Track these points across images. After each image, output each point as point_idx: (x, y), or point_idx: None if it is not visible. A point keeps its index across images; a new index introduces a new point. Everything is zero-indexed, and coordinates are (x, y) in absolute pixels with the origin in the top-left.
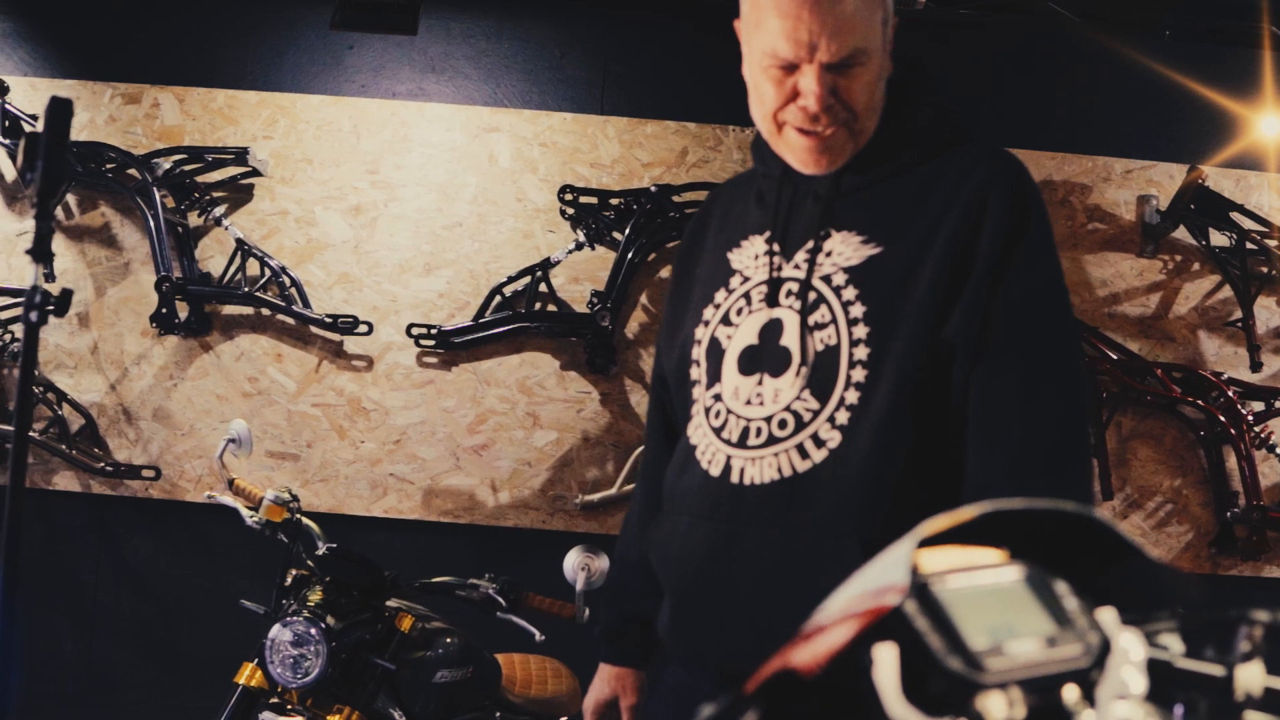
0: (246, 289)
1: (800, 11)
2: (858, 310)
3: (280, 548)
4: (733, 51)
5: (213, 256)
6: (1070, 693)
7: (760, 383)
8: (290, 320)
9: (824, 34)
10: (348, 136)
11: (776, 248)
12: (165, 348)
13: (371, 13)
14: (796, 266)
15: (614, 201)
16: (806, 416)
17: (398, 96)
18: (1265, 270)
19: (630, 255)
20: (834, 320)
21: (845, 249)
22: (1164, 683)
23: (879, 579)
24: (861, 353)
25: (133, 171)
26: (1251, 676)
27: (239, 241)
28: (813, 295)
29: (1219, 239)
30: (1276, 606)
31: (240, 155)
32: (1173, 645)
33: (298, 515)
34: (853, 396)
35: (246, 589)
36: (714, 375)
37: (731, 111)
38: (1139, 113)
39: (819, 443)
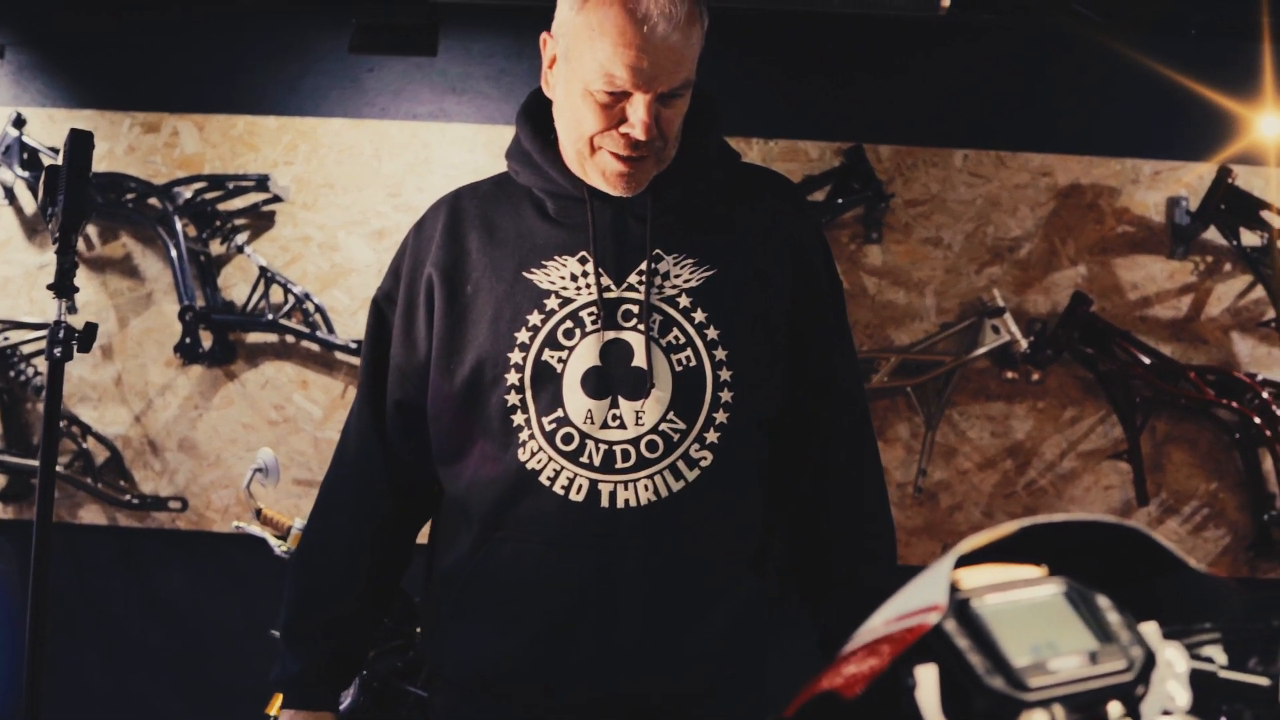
0: (270, 316)
1: (645, 42)
2: (713, 333)
3: None
4: (757, 64)
5: (236, 284)
6: (1115, 709)
7: (615, 405)
8: (315, 347)
9: (667, 65)
10: (369, 160)
11: (599, 269)
12: (189, 377)
13: (390, 35)
14: (630, 288)
15: None
16: (675, 437)
17: (418, 118)
18: None
19: None
20: (690, 343)
21: (680, 271)
22: (1208, 695)
23: (918, 598)
24: (726, 374)
25: (153, 201)
26: None
27: (262, 269)
28: (658, 317)
29: (1250, 239)
30: None
31: (261, 182)
32: (1216, 657)
33: None
34: (722, 416)
35: (276, 619)
36: (552, 399)
37: (755, 124)
38: (1167, 113)
39: (691, 463)
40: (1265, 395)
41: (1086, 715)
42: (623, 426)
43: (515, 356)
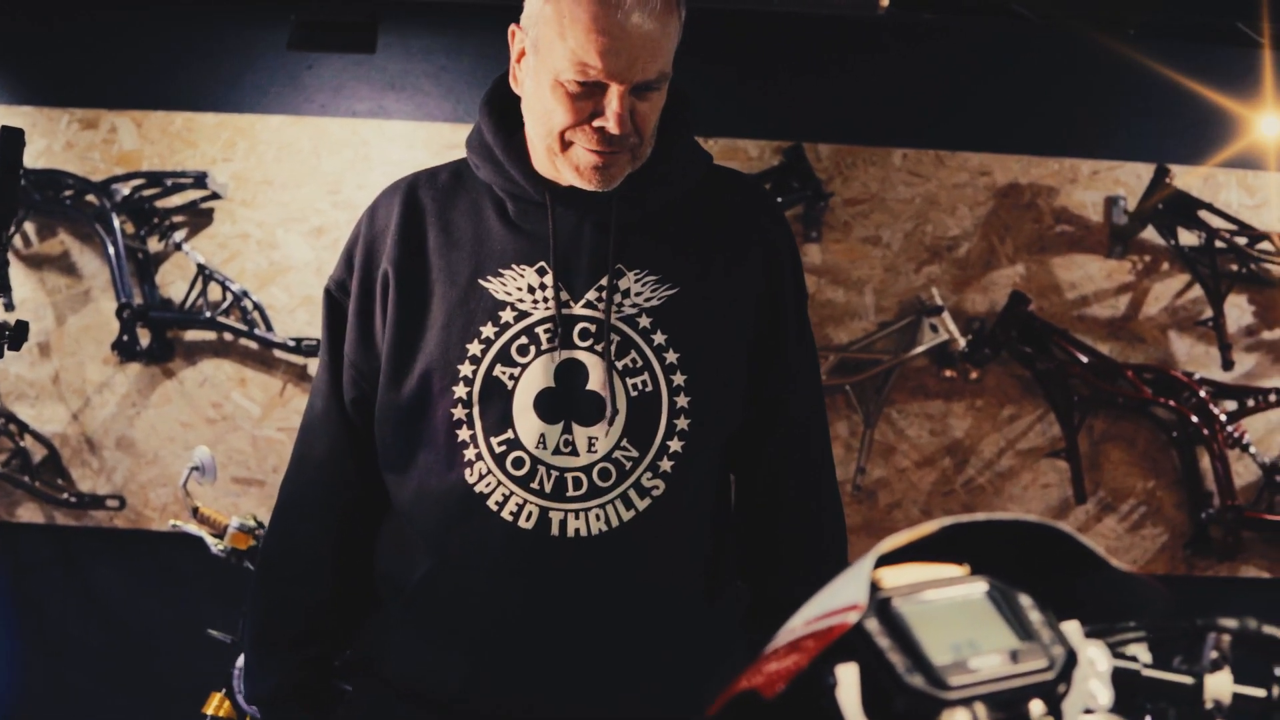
0: (208, 314)
1: (620, 30)
2: (672, 356)
3: (247, 575)
4: (697, 62)
5: (174, 282)
6: (1036, 707)
7: (568, 430)
8: (253, 344)
9: (642, 54)
10: (308, 157)
11: (558, 283)
12: (127, 375)
13: (329, 32)
14: (589, 305)
15: None
16: (628, 465)
17: (358, 115)
18: (1235, 268)
19: None
20: (648, 366)
21: (642, 289)
22: (1131, 693)
23: (838, 597)
24: (683, 400)
25: (91, 198)
26: (1220, 685)
27: (200, 266)
28: (616, 338)
29: (1188, 238)
30: (1247, 611)
31: (199, 179)
32: (1140, 655)
33: None
34: (676, 444)
35: (214, 618)
36: (501, 418)
37: (694, 123)
38: (1105, 113)
39: (643, 491)
40: (1202, 394)
41: (1008, 714)
42: (575, 453)
43: (465, 369)
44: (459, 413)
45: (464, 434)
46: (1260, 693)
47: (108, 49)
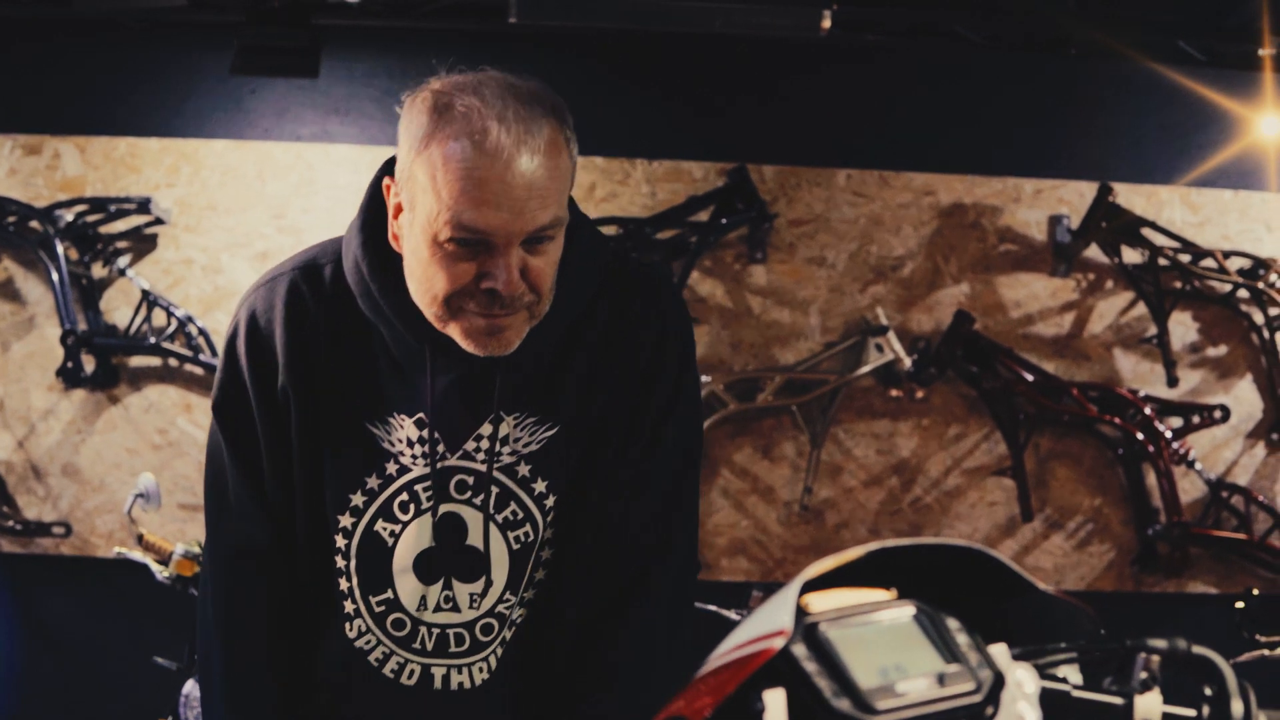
0: (153, 339)
1: (502, 180)
2: (551, 501)
3: (192, 602)
4: (641, 85)
5: (118, 308)
6: None
7: (448, 587)
8: (199, 370)
9: (529, 204)
10: (252, 181)
11: (435, 435)
12: (72, 402)
13: (271, 56)
14: (466, 456)
15: None
16: (507, 613)
17: (302, 139)
18: (1179, 286)
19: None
20: (530, 517)
21: (520, 433)
22: (1061, 715)
23: (765, 623)
24: (547, 552)
25: (35, 224)
26: (1150, 705)
27: (144, 292)
28: (496, 490)
29: (1132, 256)
30: (1194, 626)
31: (143, 204)
32: (1070, 677)
33: None
34: (540, 574)
35: (160, 644)
36: (380, 577)
37: (639, 144)
38: (1047, 132)
39: (513, 625)
40: (1148, 411)
41: None
42: (456, 609)
43: (345, 520)
44: (339, 562)
45: (344, 585)
46: (1190, 712)
47: (51, 75)
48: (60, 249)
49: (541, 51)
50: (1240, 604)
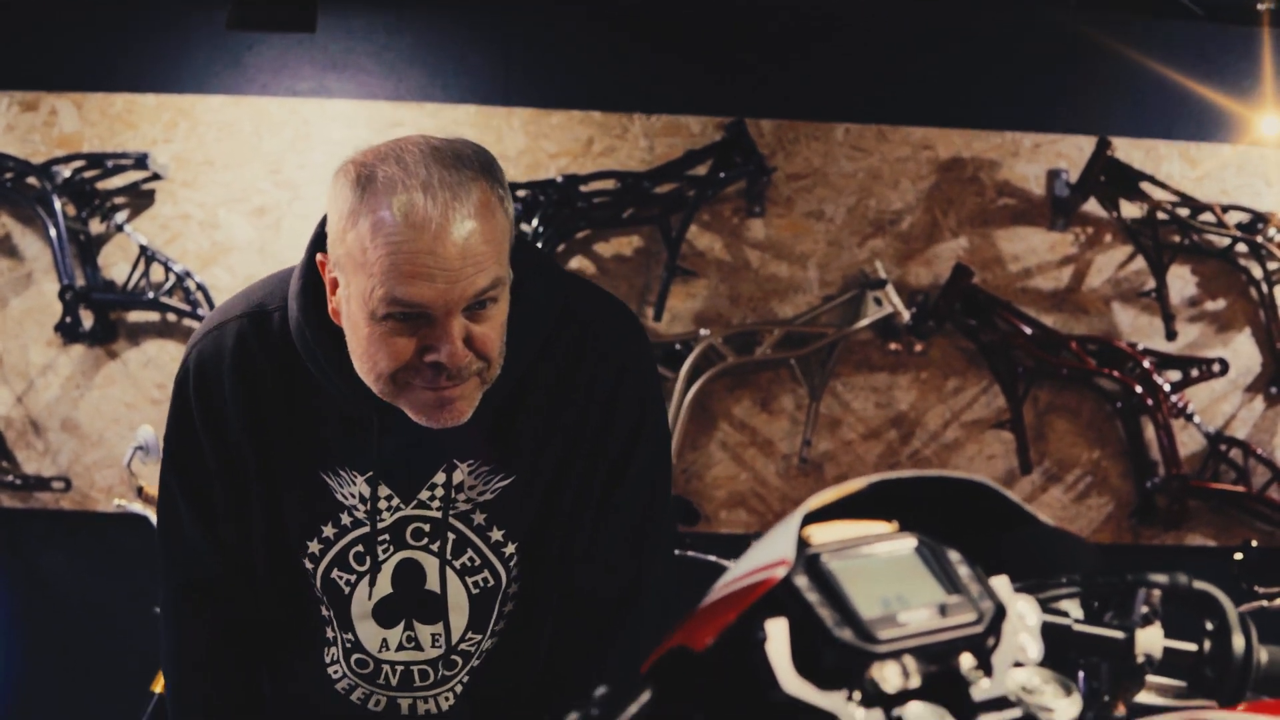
0: (151, 295)
1: (431, 250)
2: (510, 549)
3: None
4: (637, 39)
5: (116, 263)
6: (966, 660)
7: (410, 628)
8: (196, 324)
9: (465, 270)
10: (249, 137)
11: (385, 490)
12: (71, 357)
13: (268, 11)
14: (421, 505)
15: (521, 193)
16: (471, 650)
17: (299, 95)
18: (1177, 240)
19: (539, 246)
20: (487, 564)
21: (475, 481)
22: (1063, 648)
23: (767, 553)
24: (514, 588)
25: (32, 180)
26: (1151, 639)
27: (142, 247)
28: (453, 536)
29: (1130, 210)
30: (1178, 570)
31: (140, 160)
32: (1071, 611)
33: None
34: (510, 606)
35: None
36: (341, 620)
37: (637, 99)
38: (1046, 86)
39: (482, 655)
40: (1146, 364)
41: (938, 667)
42: (419, 648)
43: (308, 563)
44: (317, 592)
45: (324, 612)
46: (1191, 646)
47: (47, 31)
48: (58, 205)
49: (538, 6)
50: (1239, 556)
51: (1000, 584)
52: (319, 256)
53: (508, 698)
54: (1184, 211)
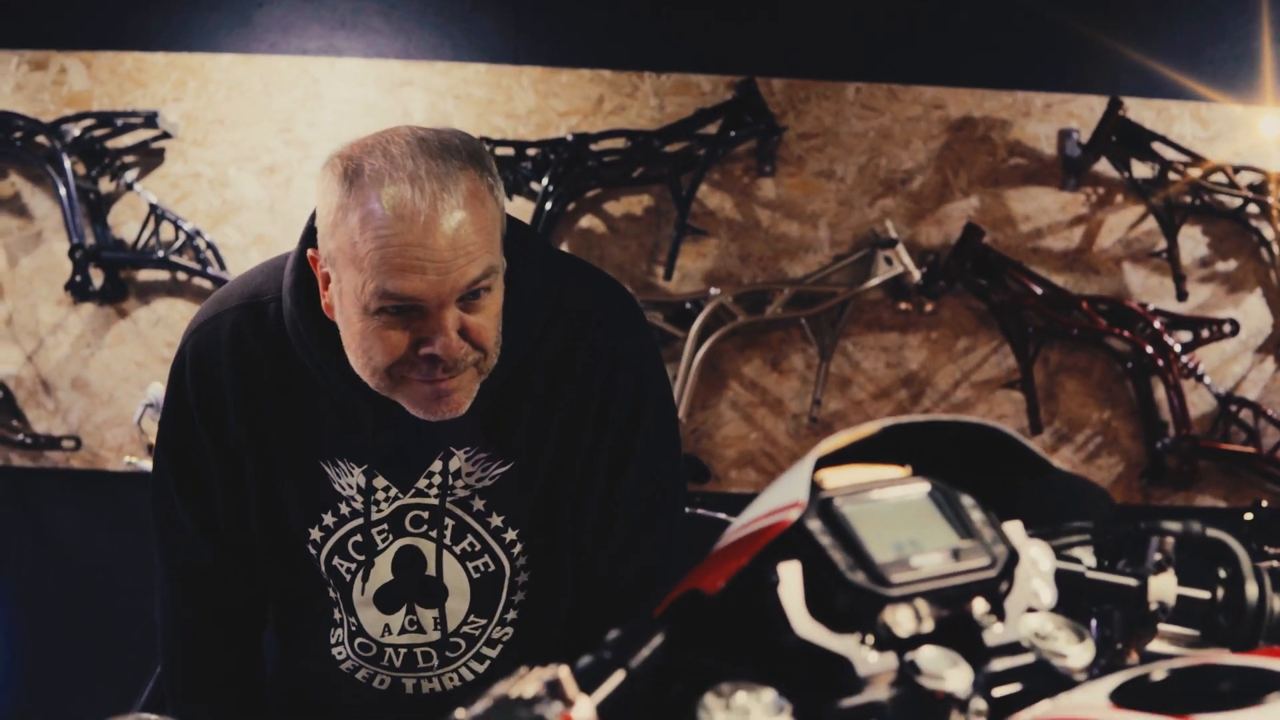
0: (161, 253)
1: (422, 243)
2: (511, 534)
3: None
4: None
5: (126, 222)
6: (979, 605)
7: (411, 612)
8: (207, 283)
9: (457, 261)
10: (259, 96)
11: (383, 481)
12: (81, 316)
13: None
14: (419, 493)
15: (531, 152)
16: (476, 634)
17: (308, 53)
18: (1188, 200)
19: (549, 205)
20: (487, 549)
21: (473, 468)
22: (1076, 595)
23: (780, 496)
24: (523, 577)
25: (41, 139)
26: (1165, 586)
27: (152, 206)
28: (451, 523)
29: (1142, 170)
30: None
31: (150, 119)
32: (1084, 558)
33: None
34: (521, 595)
35: None
36: (345, 605)
37: (647, 58)
38: (1058, 45)
39: (493, 643)
40: (1157, 324)
41: (950, 611)
42: (421, 631)
43: (310, 549)
44: (327, 575)
45: (332, 594)
46: (1204, 594)
47: None
48: (67, 163)
49: None
50: (1249, 516)
51: (1013, 529)
52: (310, 252)
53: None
54: (1195, 172)
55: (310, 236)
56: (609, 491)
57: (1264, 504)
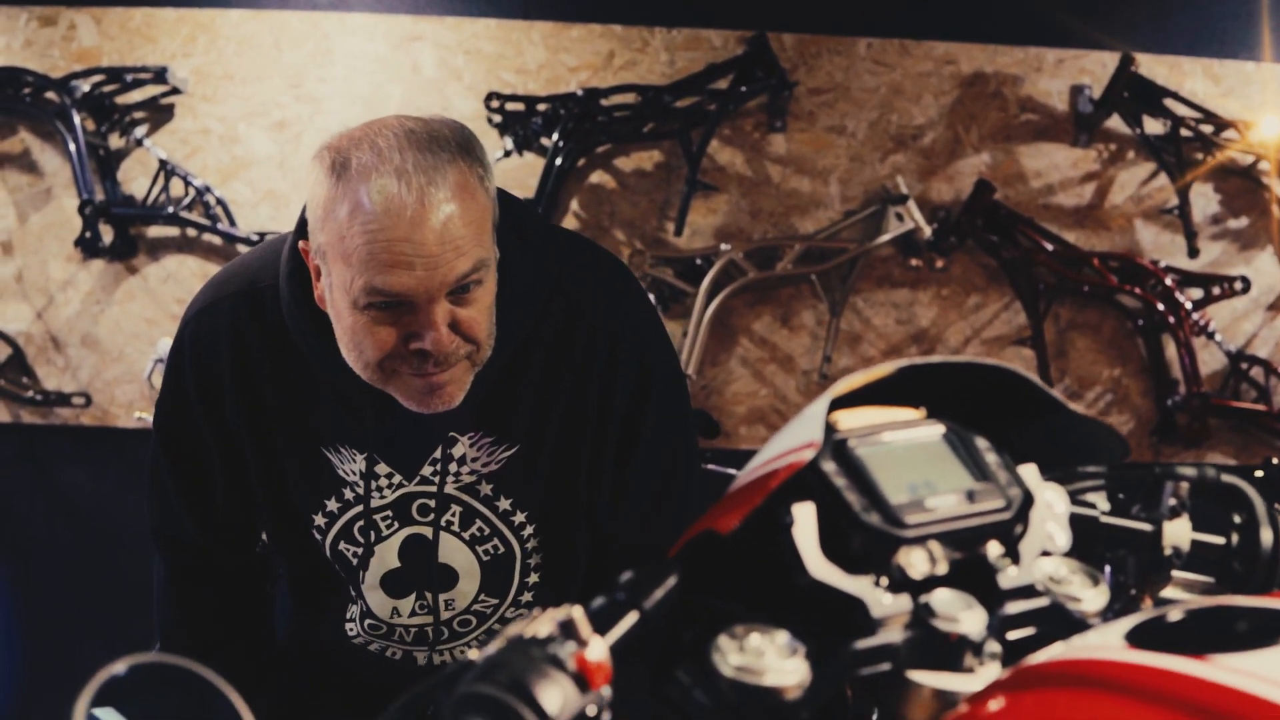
0: (171, 209)
1: (409, 238)
2: (521, 517)
3: None
4: None
5: (136, 178)
6: (993, 548)
7: (420, 597)
8: (217, 239)
9: (445, 255)
10: (269, 50)
11: (385, 468)
12: (91, 272)
13: None
14: (424, 480)
15: (541, 107)
16: (488, 612)
17: (319, 8)
18: (1200, 157)
19: (560, 161)
20: (497, 532)
21: (478, 453)
22: (1090, 540)
23: (794, 437)
24: (535, 559)
25: (51, 95)
26: (1179, 532)
27: (162, 162)
28: (459, 508)
29: (1154, 126)
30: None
31: (160, 74)
32: (1099, 503)
33: None
34: (534, 578)
35: None
36: (353, 589)
37: (657, 13)
38: (1070, 1)
39: (506, 622)
40: (1168, 282)
41: (965, 553)
42: (431, 612)
43: (315, 535)
44: (332, 560)
45: (342, 574)
46: (1219, 540)
47: None
48: (77, 119)
49: None
50: (1259, 473)
51: (1028, 472)
52: (301, 244)
53: None
54: (1207, 128)
55: (303, 228)
56: (621, 471)
57: (1275, 461)
